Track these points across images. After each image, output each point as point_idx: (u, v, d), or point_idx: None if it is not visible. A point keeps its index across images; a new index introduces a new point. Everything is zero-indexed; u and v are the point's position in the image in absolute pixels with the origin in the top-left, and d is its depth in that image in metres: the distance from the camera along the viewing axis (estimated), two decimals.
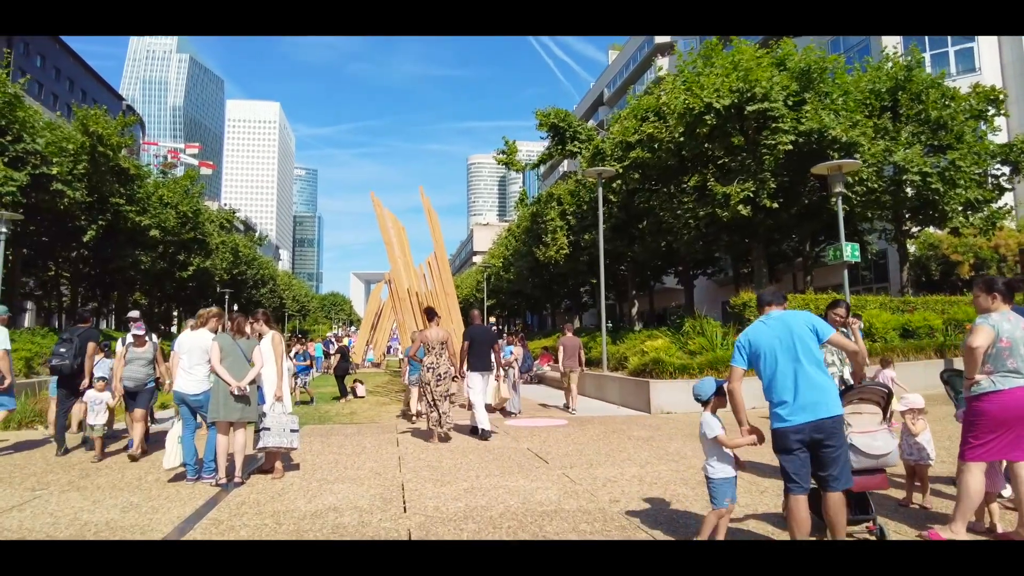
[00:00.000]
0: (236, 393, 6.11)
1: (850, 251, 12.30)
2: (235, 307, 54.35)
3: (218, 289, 40.20)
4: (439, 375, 8.73)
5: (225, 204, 60.46)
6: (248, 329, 6.57)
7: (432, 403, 8.73)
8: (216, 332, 6.61)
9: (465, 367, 9.37)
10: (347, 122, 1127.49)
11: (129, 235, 24.79)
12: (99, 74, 72.31)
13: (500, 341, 13.03)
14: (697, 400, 4.34)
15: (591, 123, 39.25)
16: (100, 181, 22.05)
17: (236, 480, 6.22)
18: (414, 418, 11.10)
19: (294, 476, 6.72)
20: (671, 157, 17.05)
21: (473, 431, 9.38)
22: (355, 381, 16.16)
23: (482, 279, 44.00)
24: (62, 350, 8.02)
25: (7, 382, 7.51)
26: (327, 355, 27.43)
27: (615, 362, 15.74)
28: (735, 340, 12.46)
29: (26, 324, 38.83)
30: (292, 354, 14.92)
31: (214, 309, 6.75)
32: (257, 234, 70.38)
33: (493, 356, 9.78)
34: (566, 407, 12.84)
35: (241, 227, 72.38)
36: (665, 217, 18.32)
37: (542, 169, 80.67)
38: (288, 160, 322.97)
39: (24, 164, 17.77)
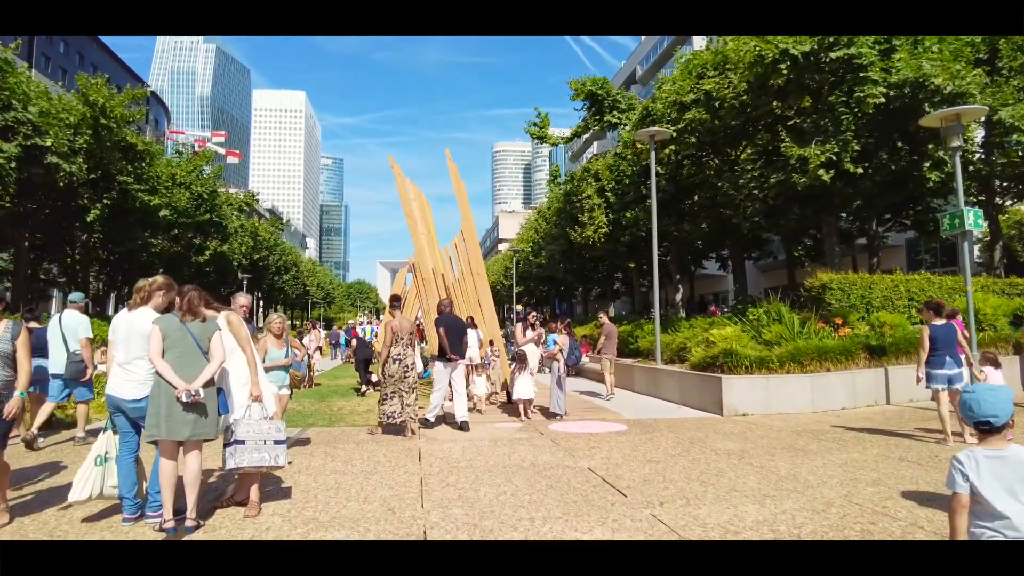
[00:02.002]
0: (184, 400, 4.22)
1: (972, 218, 9.92)
2: (257, 294, 53.20)
3: (239, 275, 38.80)
4: (407, 367, 8.16)
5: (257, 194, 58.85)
6: (207, 309, 4.68)
7: (392, 395, 8.16)
8: (166, 313, 4.71)
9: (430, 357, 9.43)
10: (373, 111, 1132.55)
11: (139, 216, 23.28)
12: (123, 60, 71.71)
13: (540, 330, 11.14)
14: (992, 424, 2.36)
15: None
16: (105, 157, 20.50)
17: (188, 523, 4.35)
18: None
19: (274, 512, 4.84)
20: (735, 117, 14.78)
21: (440, 420, 9.26)
22: (368, 372, 14.45)
23: (511, 264, 42.03)
24: None
25: (89, 372, 7.65)
26: (348, 343, 26.15)
27: (670, 354, 13.66)
28: (816, 328, 10.19)
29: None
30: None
31: (160, 279, 4.85)
32: (283, 219, 69.19)
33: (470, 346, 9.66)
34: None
35: (266, 214, 71.46)
36: (724, 188, 16.08)
37: (572, 151, 78.10)
38: (314, 149, 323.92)
39: (15, 134, 16.21)
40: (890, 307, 13.52)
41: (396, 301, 8.87)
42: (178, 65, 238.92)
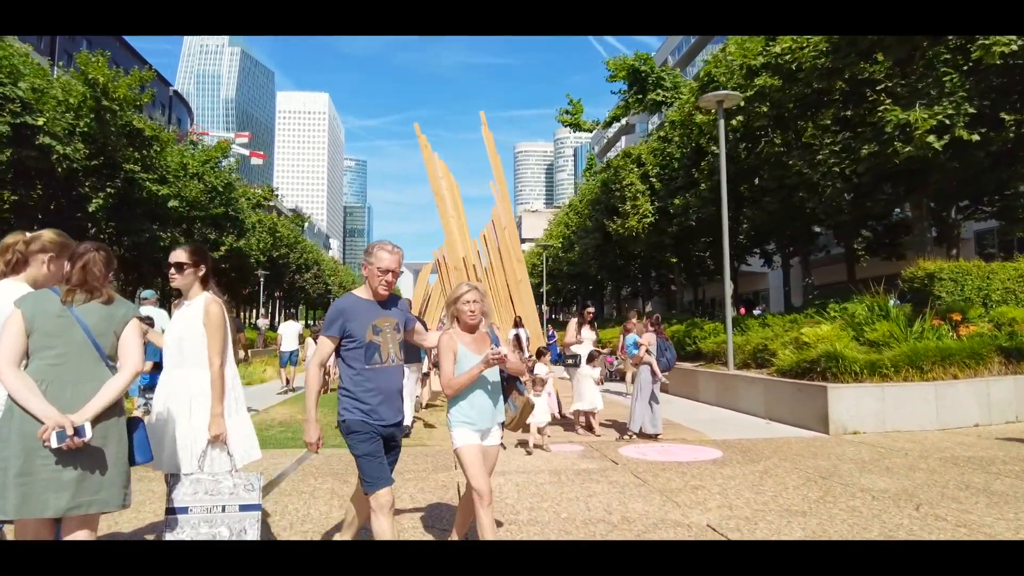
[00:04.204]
0: (55, 445, 2.33)
1: None
2: (277, 294, 51.94)
3: (257, 271, 37.33)
4: None
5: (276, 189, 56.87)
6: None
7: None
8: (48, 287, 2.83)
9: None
10: (394, 113, 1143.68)
11: (147, 207, 21.78)
12: (144, 57, 71.26)
13: (578, 331, 9.19)
14: None
15: None
16: (108, 142, 18.98)
17: None
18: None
19: None
20: (816, 80, 12.63)
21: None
22: None
23: (538, 262, 40.07)
24: None
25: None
26: None
27: (743, 357, 11.61)
28: (931, 325, 8.02)
29: None
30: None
31: (47, 234, 2.95)
32: (305, 216, 67.94)
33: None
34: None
35: (288, 212, 70.40)
36: (796, 166, 13.93)
37: (601, 143, 75.84)
38: (338, 151, 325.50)
39: (1, 111, 14.69)
40: (1012, 300, 11.29)
41: None
42: (203, 68, 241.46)
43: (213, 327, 3.09)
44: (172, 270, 3.22)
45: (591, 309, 9.26)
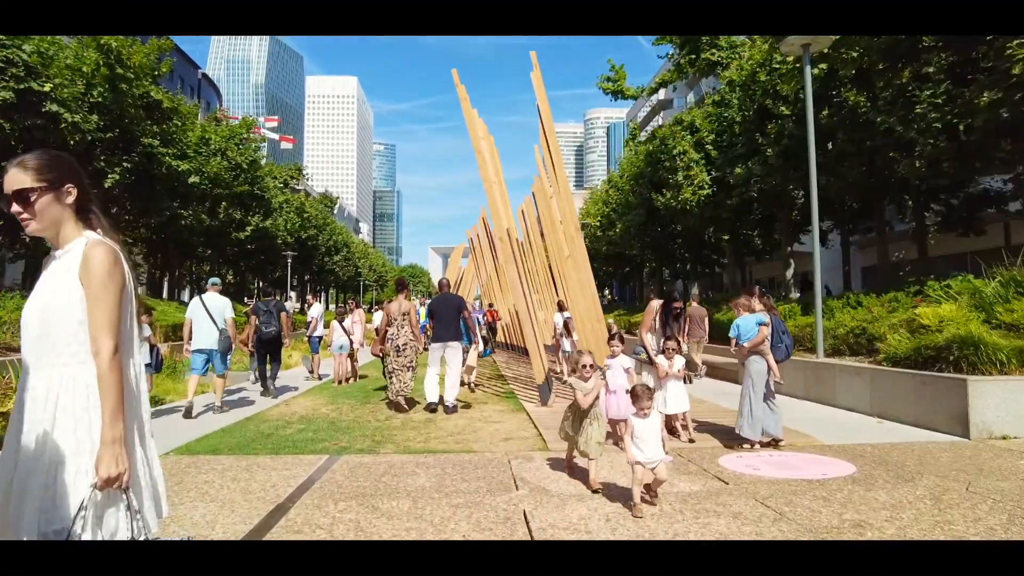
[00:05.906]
0: None
1: None
2: (306, 278, 51.23)
3: (285, 252, 36.41)
4: (398, 346, 8.53)
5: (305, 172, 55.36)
6: None
7: (391, 373, 8.62)
8: None
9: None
10: (423, 97, 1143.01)
11: (167, 183, 20.77)
12: (183, 50, 70.89)
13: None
14: None
15: None
16: (125, 114, 17.94)
17: None
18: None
19: None
20: None
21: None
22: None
23: None
24: (265, 319, 9.61)
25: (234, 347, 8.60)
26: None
27: (834, 342, 9.97)
28: None
29: None
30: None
31: None
32: (334, 198, 67.14)
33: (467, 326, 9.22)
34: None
35: (316, 194, 69.75)
36: (886, 124, 12.10)
37: (635, 118, 73.49)
38: (367, 135, 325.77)
39: (3, 76, 13.62)
40: None
41: (400, 286, 9.14)
42: (233, 54, 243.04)
43: (97, 282, 1.73)
44: (14, 206, 1.80)
45: (678, 303, 7.59)
